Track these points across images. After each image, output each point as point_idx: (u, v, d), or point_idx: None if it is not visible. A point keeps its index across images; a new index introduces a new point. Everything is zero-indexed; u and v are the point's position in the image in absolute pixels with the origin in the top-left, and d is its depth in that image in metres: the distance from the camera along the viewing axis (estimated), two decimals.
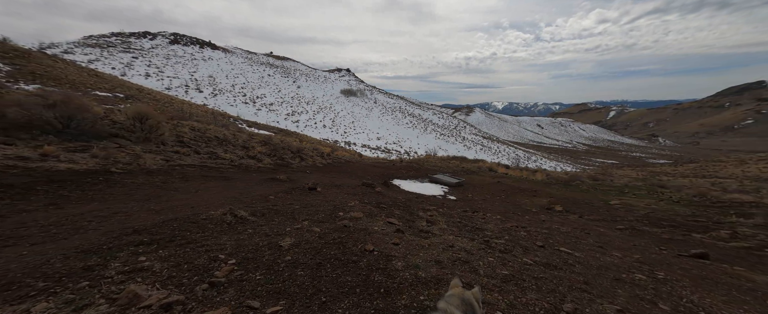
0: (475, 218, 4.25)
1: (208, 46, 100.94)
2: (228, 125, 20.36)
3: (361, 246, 1.85)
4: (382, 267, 1.59)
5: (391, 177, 10.69)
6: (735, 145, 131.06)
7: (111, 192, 2.75)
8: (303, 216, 2.63)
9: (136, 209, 2.34)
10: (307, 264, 1.59)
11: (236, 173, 5.17)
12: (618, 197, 8.67)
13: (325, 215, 2.79)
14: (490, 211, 5.61)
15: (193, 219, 2.05)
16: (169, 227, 1.90)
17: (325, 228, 2.25)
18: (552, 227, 4.03)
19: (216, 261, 1.54)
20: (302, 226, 2.23)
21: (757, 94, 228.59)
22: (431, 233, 2.63)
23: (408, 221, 3.00)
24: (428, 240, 2.31)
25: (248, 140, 10.91)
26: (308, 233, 2.08)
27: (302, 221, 2.44)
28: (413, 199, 5.69)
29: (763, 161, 32.51)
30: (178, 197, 2.91)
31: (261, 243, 1.81)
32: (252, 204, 2.86)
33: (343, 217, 2.75)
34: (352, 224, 2.37)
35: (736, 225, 4.47)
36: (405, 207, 4.19)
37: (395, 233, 2.31)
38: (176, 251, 1.64)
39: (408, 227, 2.76)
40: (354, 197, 4.41)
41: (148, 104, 22.63)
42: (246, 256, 1.61)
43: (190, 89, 65.98)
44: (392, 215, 3.25)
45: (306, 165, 9.56)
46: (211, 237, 1.83)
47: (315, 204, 3.34)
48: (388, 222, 2.74)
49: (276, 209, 2.77)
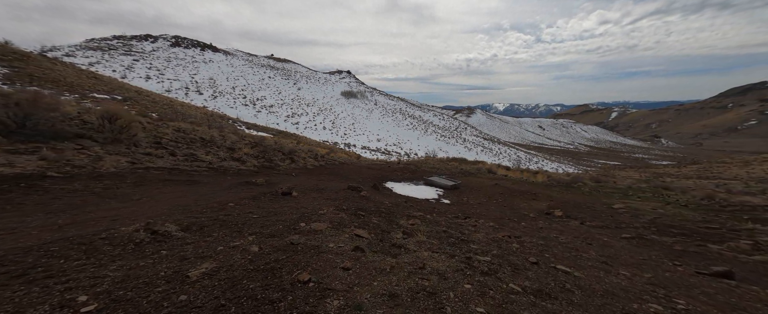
0: (465, 226, 3.83)
1: (209, 48, 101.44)
2: (223, 126, 20.06)
3: (296, 275, 1.44)
4: (308, 312, 1.17)
5: (384, 179, 10.29)
6: (738, 146, 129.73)
7: (20, 202, 2.35)
8: (253, 229, 2.22)
9: (31, 225, 1.92)
10: (203, 308, 1.17)
11: (207, 177, 4.77)
12: (622, 200, 8.20)
13: (283, 227, 2.39)
14: (483, 216, 5.18)
15: (89, 239, 1.64)
16: (41, 252, 1.47)
17: (267, 246, 1.85)
18: (550, 237, 3.59)
19: (66, 307, 1.13)
20: (240, 244, 1.82)
21: (760, 94, 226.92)
22: (404, 249, 2.22)
23: (381, 233, 2.58)
24: (395, 259, 1.90)
25: (237, 142, 10.55)
26: (240, 255, 1.67)
27: (247, 236, 2.04)
28: (401, 204, 5.27)
29: (767, 162, 31.87)
30: (109, 206, 2.52)
31: (162, 272, 1.40)
32: (199, 214, 2.46)
33: (302, 229, 2.34)
34: (303, 241, 1.97)
35: (755, 233, 4.02)
36: (387, 214, 3.77)
37: (352, 253, 1.90)
38: (18, 290, 1.20)
39: (378, 241, 2.34)
40: (332, 202, 4.00)
41: (145, 106, 22.40)
42: (122, 296, 1.18)
43: (191, 91, 66.10)
44: (366, 225, 2.84)
45: (295, 167, 9.17)
46: (94, 266, 1.41)
47: (280, 212, 2.94)
48: (355, 235, 2.32)
49: (225, 220, 2.37)
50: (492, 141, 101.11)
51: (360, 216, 3.29)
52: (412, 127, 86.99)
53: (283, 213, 2.82)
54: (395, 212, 4.05)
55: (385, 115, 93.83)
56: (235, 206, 3.00)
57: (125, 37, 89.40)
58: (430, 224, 3.44)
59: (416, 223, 3.18)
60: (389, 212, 3.95)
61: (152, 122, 8.37)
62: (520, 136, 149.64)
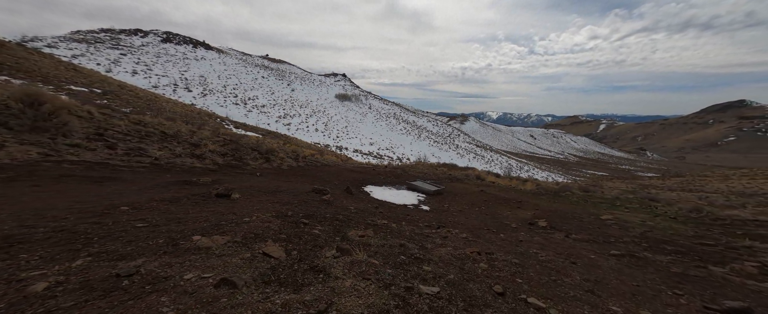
0: (433, 237, 3.25)
1: (201, 46, 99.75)
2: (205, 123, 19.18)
3: None
4: None
5: (364, 183, 9.70)
6: (719, 160, 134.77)
7: None
8: (103, 246, 1.59)
9: None
10: None
11: (138, 174, 4.07)
12: (610, 210, 7.81)
13: (164, 241, 1.77)
14: (460, 226, 4.62)
15: None
16: None
17: (76, 281, 1.22)
18: (528, 253, 3.05)
19: None
20: (41, 274, 1.19)
21: (738, 112, 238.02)
22: (325, 275, 1.62)
23: (309, 250, 1.98)
24: (294, 295, 1.30)
25: (209, 138, 9.79)
26: (14, 294, 1.05)
27: (77, 259, 1.41)
28: (369, 210, 4.67)
29: (746, 176, 32.80)
30: None
31: None
32: (50, 221, 1.82)
33: (183, 247, 1.72)
34: (149, 270, 1.34)
35: (755, 252, 3.58)
36: (341, 222, 3.17)
37: (213, 290, 1.27)
38: None
39: (294, 262, 1.74)
40: (277, 207, 3.37)
41: (126, 100, 21.35)
42: None
43: (179, 87, 64.39)
44: (297, 237, 2.23)
45: (267, 167, 8.47)
46: None
47: (186, 220, 2.31)
48: (261, 254, 1.71)
49: (79, 232, 1.74)
50: (484, 148, 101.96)
51: (300, 225, 2.67)
52: (405, 132, 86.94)
53: (188, 221, 2.19)
54: (353, 220, 3.45)
55: (379, 119, 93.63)
56: (134, 210, 2.35)
57: (113, 31, 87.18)
58: (388, 236, 2.85)
59: (368, 235, 2.58)
60: (345, 220, 3.34)
61: (104, 113, 7.58)
62: (512, 144, 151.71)
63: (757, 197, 16.86)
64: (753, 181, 28.64)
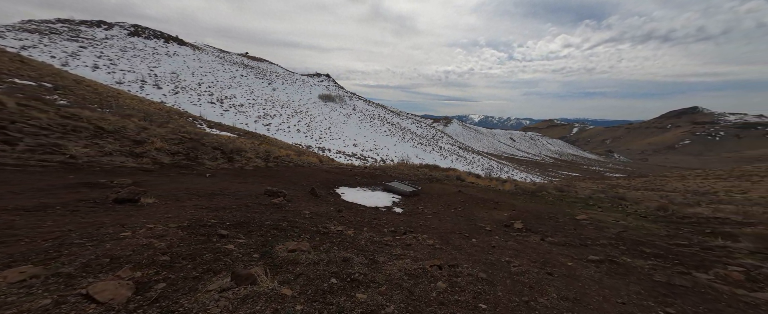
0: (392, 247, 2.74)
1: (174, 41, 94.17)
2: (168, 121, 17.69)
3: None
4: None
5: (338, 184, 9.10)
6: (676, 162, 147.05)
7: None
8: None
9: None
10: None
11: (25, 175, 3.24)
12: (584, 210, 7.75)
13: None
14: (430, 230, 4.17)
15: None
16: None
17: None
18: (499, 262, 2.62)
19: None
20: None
21: (692, 118, 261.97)
22: None
23: (178, 283, 1.39)
24: None
25: (162, 135, 8.75)
26: None
27: None
28: (329, 214, 4.09)
29: (699, 177, 35.68)
30: None
31: None
32: None
33: None
34: None
35: (731, 253, 3.42)
36: (279, 232, 2.59)
37: None
38: None
39: (135, 307, 1.15)
40: (206, 213, 2.73)
41: (82, 96, 19.29)
42: None
43: (147, 84, 60.10)
44: (186, 260, 1.63)
45: (227, 168, 7.63)
46: None
47: (22, 236, 1.62)
48: (82, 297, 1.11)
49: None
50: (467, 150, 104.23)
51: (212, 239, 2.06)
52: (389, 133, 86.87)
53: (23, 239, 1.52)
54: (299, 228, 2.87)
55: (364, 120, 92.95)
56: None
57: (72, 22, 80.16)
58: (334, 249, 2.31)
59: (301, 249, 2.01)
60: (287, 229, 2.76)
61: (24, 105, 6.43)
62: (493, 146, 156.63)
63: (709, 195, 18.26)
64: (705, 181, 31.12)
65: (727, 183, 27.44)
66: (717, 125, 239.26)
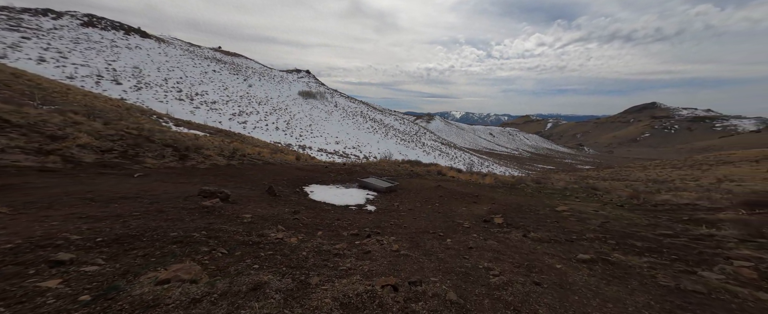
0: (340, 259, 2.13)
1: (136, 33, 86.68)
2: (118, 119, 15.83)
3: None
4: None
5: (309, 182, 8.36)
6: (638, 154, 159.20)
7: None
8: None
9: None
10: None
11: None
12: (563, 201, 7.60)
13: None
14: (400, 231, 3.60)
15: None
16: None
17: None
18: (476, 271, 2.09)
19: None
20: None
21: (651, 112, 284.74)
22: None
23: None
24: None
25: (95, 131, 7.49)
26: None
27: None
28: (278, 217, 3.40)
29: (658, 166, 38.54)
30: None
31: None
32: None
33: None
34: None
35: (723, 243, 3.15)
36: (179, 246, 1.89)
37: None
38: None
39: None
40: (80, 225, 1.92)
41: (19, 91, 16.77)
42: None
43: (105, 79, 54.76)
44: None
45: (174, 166, 6.61)
46: None
47: None
48: None
49: None
50: (449, 146, 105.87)
51: (40, 267, 1.31)
52: (372, 130, 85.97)
53: None
54: (217, 239, 2.16)
55: (346, 117, 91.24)
56: None
57: (12, 9, 71.30)
58: (250, 269, 1.65)
59: (175, 279, 1.32)
60: (200, 241, 2.05)
61: None
62: (474, 142, 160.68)
63: (667, 183, 19.61)
64: (663, 170, 33.56)
65: (682, 172, 29.72)
66: (672, 119, 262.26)
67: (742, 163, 28.91)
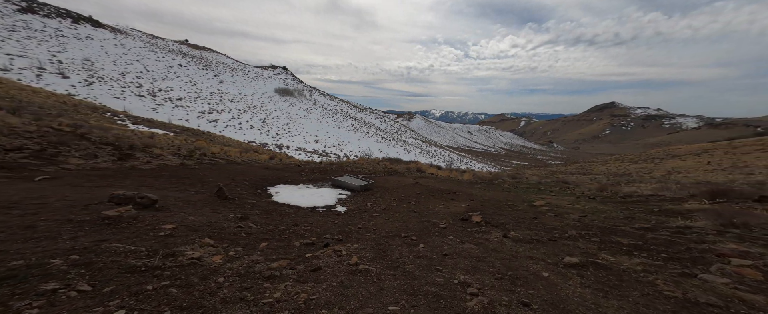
0: (270, 285, 1.58)
1: (86, 21, 78.02)
2: (56, 115, 13.88)
3: None
4: None
5: (276, 182, 7.64)
6: (600, 149, 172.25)
7: None
8: None
9: None
10: None
11: None
12: (539, 195, 7.57)
13: None
14: (367, 236, 3.11)
15: None
16: None
17: None
18: (451, 289, 1.67)
19: None
20: None
21: (611, 111, 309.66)
22: None
23: None
24: None
25: (10, 126, 6.23)
26: None
27: None
28: (214, 226, 2.75)
29: (617, 161, 41.71)
30: None
31: None
32: None
33: None
34: None
35: (703, 235, 3.02)
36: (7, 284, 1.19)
37: None
38: None
39: None
40: None
41: None
42: None
43: (47, 72, 48.61)
44: None
45: (105, 167, 5.59)
46: None
47: None
48: None
49: None
50: (429, 144, 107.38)
51: None
52: (353, 129, 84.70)
53: None
54: (92, 267, 1.52)
55: (325, 115, 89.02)
56: None
57: None
58: None
59: None
60: (51, 274, 1.40)
61: None
62: (453, 140, 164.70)
63: (626, 176, 21.14)
64: (622, 164, 36.30)
65: (638, 165, 32.30)
66: (629, 117, 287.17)
67: (687, 156, 32.01)
